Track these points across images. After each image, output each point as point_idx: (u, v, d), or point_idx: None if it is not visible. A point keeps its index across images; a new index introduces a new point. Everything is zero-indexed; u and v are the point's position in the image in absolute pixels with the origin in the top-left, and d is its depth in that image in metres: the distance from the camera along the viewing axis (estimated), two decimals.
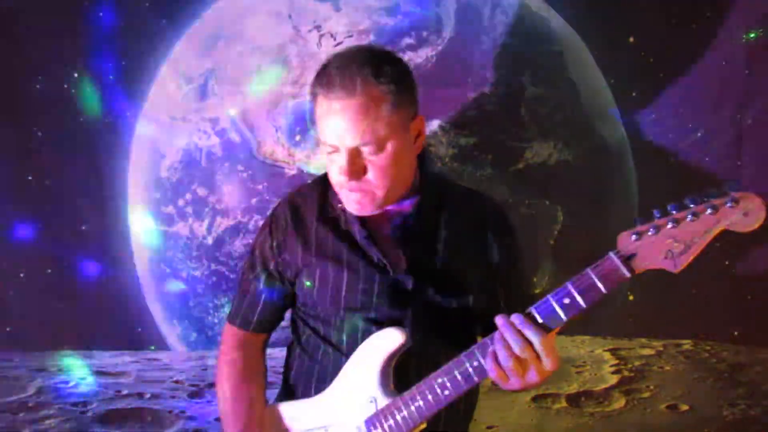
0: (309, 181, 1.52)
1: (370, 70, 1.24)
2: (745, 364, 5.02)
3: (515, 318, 1.17)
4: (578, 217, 5.92)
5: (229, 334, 1.53)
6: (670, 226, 1.08)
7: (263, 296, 1.48)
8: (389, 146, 1.26)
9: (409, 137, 1.31)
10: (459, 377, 1.22)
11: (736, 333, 5.41)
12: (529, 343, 1.15)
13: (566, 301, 1.14)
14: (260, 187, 6.20)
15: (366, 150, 1.26)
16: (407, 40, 5.92)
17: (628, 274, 1.11)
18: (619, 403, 4.25)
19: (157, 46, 6.30)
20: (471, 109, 5.97)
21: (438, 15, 6.05)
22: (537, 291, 1.40)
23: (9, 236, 5.82)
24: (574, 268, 1.15)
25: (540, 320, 1.16)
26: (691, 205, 1.07)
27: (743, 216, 1.04)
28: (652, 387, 4.52)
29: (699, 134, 5.67)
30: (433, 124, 5.95)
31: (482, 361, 1.20)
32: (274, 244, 1.44)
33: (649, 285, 5.27)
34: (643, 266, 1.11)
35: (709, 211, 1.06)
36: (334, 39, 5.98)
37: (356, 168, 1.26)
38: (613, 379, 4.68)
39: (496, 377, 1.18)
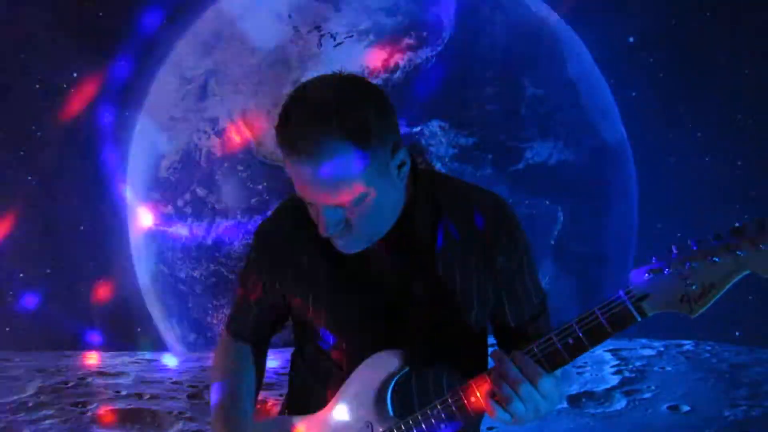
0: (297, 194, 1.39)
1: (337, 121, 1.04)
2: (746, 365, 5.02)
3: (516, 356, 1.09)
4: (578, 217, 5.90)
5: (223, 339, 1.49)
6: (688, 266, 0.98)
7: (254, 311, 1.41)
8: (370, 196, 1.12)
9: (391, 174, 1.15)
10: (456, 411, 1.17)
11: (737, 333, 5.41)
12: (530, 384, 1.08)
13: (570, 341, 1.06)
14: (260, 187, 6.19)
15: (345, 204, 1.12)
16: (407, 40, 5.91)
17: (638, 318, 1.02)
18: (620, 403, 4.25)
19: (157, 46, 6.29)
20: (471, 109, 5.96)
21: (438, 15, 6.05)
22: None
23: (9, 236, 5.81)
24: (574, 269, 1.12)
25: (541, 359, 1.08)
26: (714, 244, 0.96)
27: None
28: (653, 387, 4.51)
29: (699, 134, 5.66)
30: (433, 124, 5.94)
31: (480, 397, 1.13)
32: (264, 267, 1.35)
33: None
34: (655, 309, 1.01)
35: (732, 253, 0.95)
36: (334, 39, 5.97)
37: (335, 221, 1.13)
38: (614, 380, 4.67)
39: (494, 417, 1.12)
